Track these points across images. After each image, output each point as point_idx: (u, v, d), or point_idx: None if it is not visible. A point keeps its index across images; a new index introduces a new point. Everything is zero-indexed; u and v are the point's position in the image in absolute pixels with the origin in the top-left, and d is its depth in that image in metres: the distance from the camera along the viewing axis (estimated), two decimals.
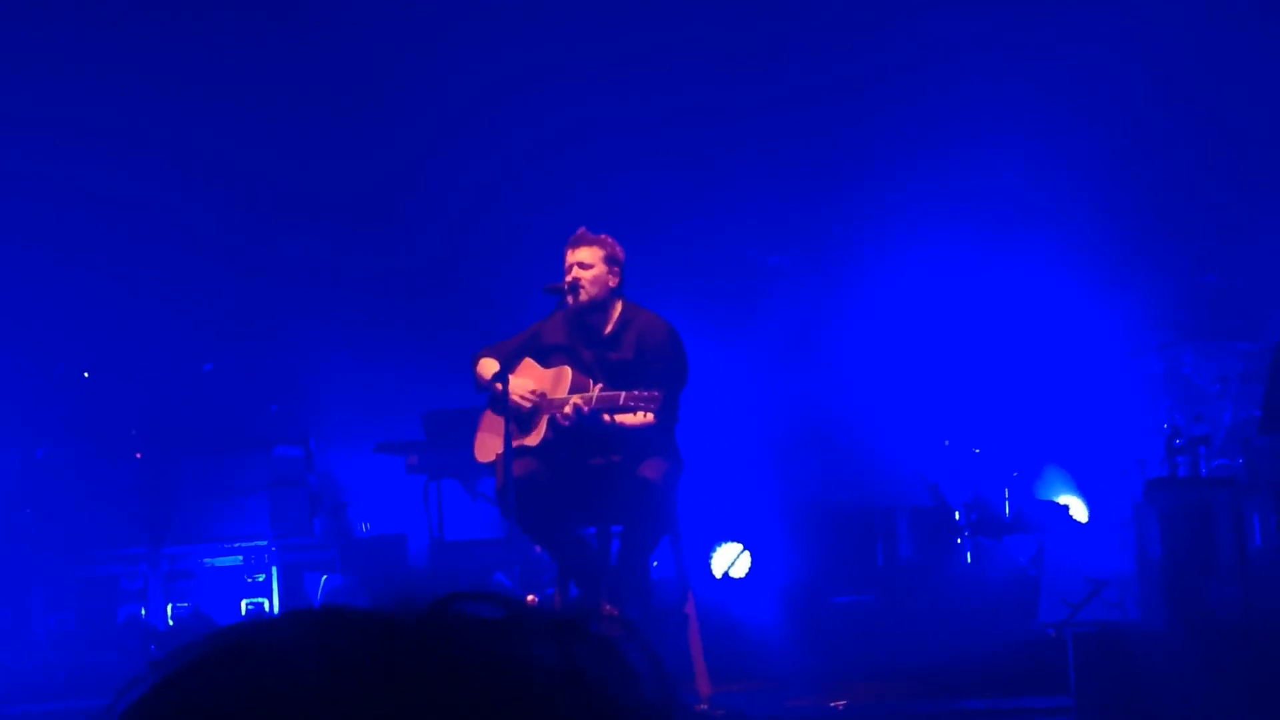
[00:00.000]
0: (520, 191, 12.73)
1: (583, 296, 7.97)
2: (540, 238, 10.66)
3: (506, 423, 7.69)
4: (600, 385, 7.79)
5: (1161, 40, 12.09)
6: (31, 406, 11.30)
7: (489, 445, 8.07)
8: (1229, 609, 7.60)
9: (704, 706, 7.75)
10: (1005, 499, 10.82)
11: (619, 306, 8.13)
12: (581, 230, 8.09)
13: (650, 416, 7.61)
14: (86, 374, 11.64)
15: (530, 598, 8.51)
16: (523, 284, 10.94)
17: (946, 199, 12.43)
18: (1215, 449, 9.51)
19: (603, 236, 8.08)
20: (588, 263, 7.98)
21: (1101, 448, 10.72)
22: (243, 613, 10.58)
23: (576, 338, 8.11)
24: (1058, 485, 11.39)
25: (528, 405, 7.88)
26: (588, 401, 7.67)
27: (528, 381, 7.96)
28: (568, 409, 7.72)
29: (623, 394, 7.57)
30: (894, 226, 12.53)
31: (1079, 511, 11.12)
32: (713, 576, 11.35)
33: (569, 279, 7.98)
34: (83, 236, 12.30)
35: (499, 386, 7.74)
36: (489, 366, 7.94)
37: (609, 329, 8.10)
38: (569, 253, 8.05)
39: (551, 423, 7.82)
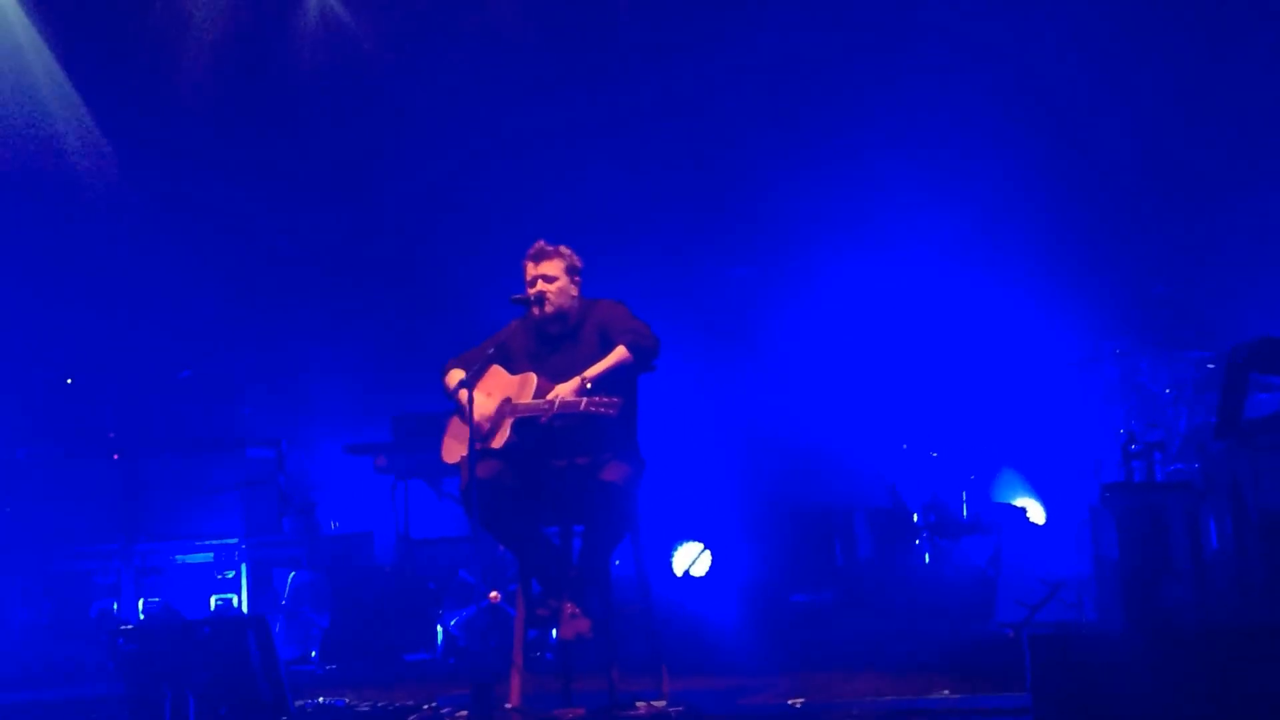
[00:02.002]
0: (488, 198, 12.58)
1: (548, 309, 8.03)
2: (508, 244, 10.50)
3: (471, 427, 7.64)
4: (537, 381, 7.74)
5: (1117, 52, 12.01)
6: (13, 408, 11.16)
7: (455, 448, 8.03)
8: (1184, 611, 7.48)
9: (662, 703, 7.62)
10: (963, 501, 10.72)
11: (577, 306, 8.13)
12: (540, 244, 8.10)
13: (623, 352, 7.71)
14: (70, 380, 11.52)
15: (494, 595, 8.34)
16: (490, 289, 10.83)
17: (906, 208, 12.33)
18: (1171, 454, 9.41)
19: (561, 248, 8.10)
20: (551, 275, 8.03)
21: (1058, 452, 10.59)
22: (212, 608, 10.48)
23: (542, 344, 8.10)
24: (1015, 488, 11.29)
25: (490, 413, 7.74)
26: (550, 408, 7.55)
27: (492, 387, 7.86)
28: (528, 414, 7.64)
29: (583, 400, 7.52)
30: (854, 234, 12.42)
31: (1036, 514, 11.00)
32: (674, 575, 11.24)
33: (533, 291, 8.00)
34: (61, 244, 12.13)
35: (464, 395, 7.73)
36: (456, 376, 7.98)
37: (570, 328, 8.09)
38: (530, 266, 8.08)
39: (516, 426, 7.74)
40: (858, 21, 12.40)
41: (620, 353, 7.72)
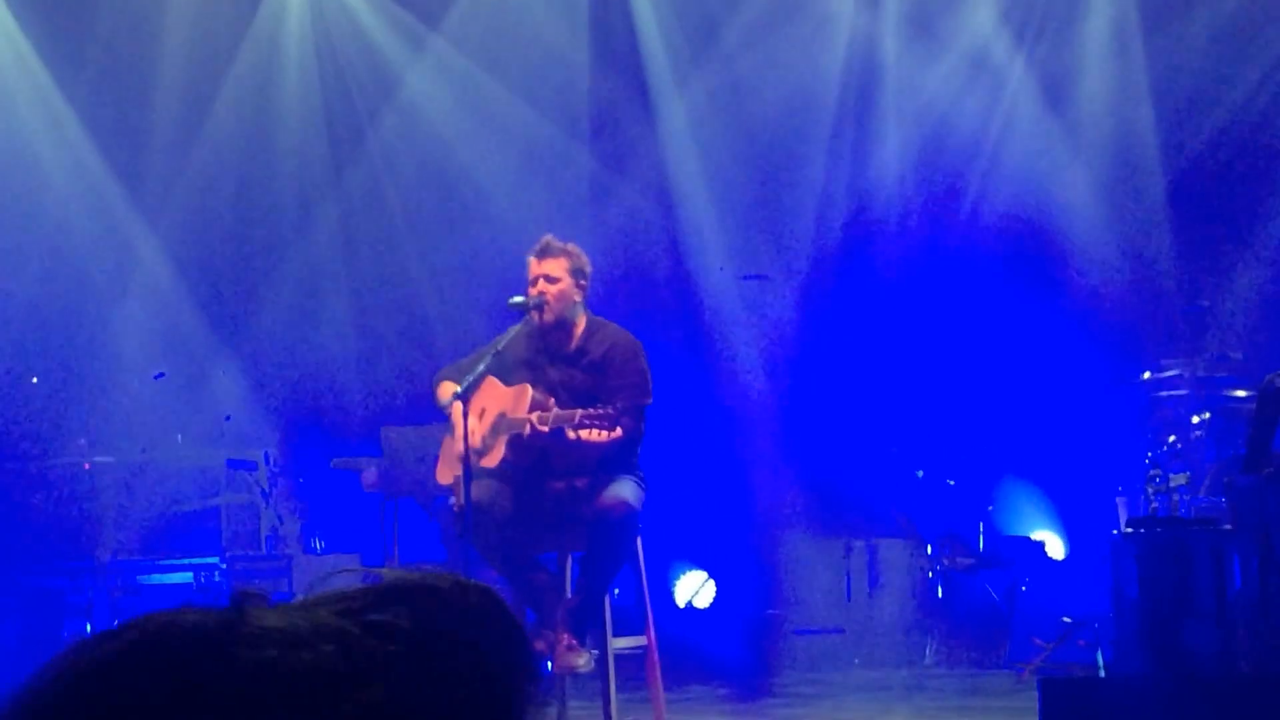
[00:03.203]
0: (481, 199, 12.60)
1: (548, 315, 7.86)
2: (502, 248, 10.56)
3: (465, 446, 7.51)
4: (554, 401, 7.65)
5: (1154, 67, 12.08)
6: None
7: (449, 471, 7.93)
8: (1207, 654, 7.47)
9: None
10: (979, 532, 10.71)
11: (584, 320, 7.99)
12: (548, 239, 7.95)
13: (618, 432, 7.45)
14: (35, 379, 11.48)
15: None
16: (485, 294, 10.89)
17: (928, 226, 12.35)
18: (1197, 487, 9.39)
19: (569, 246, 7.94)
20: (554, 275, 7.85)
21: (1080, 483, 10.61)
22: None
23: (540, 354, 7.97)
24: (1033, 520, 11.30)
25: (485, 428, 7.74)
26: (544, 420, 7.53)
27: (487, 401, 7.82)
28: (525, 430, 7.57)
29: (579, 412, 7.44)
30: (873, 252, 12.44)
31: (1055, 547, 11.01)
32: (675, 605, 11.24)
33: (534, 292, 7.85)
34: (30, 243, 12.13)
35: (458, 408, 7.56)
36: (449, 389, 7.80)
37: (573, 344, 7.97)
38: (534, 263, 7.90)
39: (510, 443, 7.69)
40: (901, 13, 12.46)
41: (615, 433, 7.43)
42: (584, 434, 7.47)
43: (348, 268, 12.87)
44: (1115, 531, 8.65)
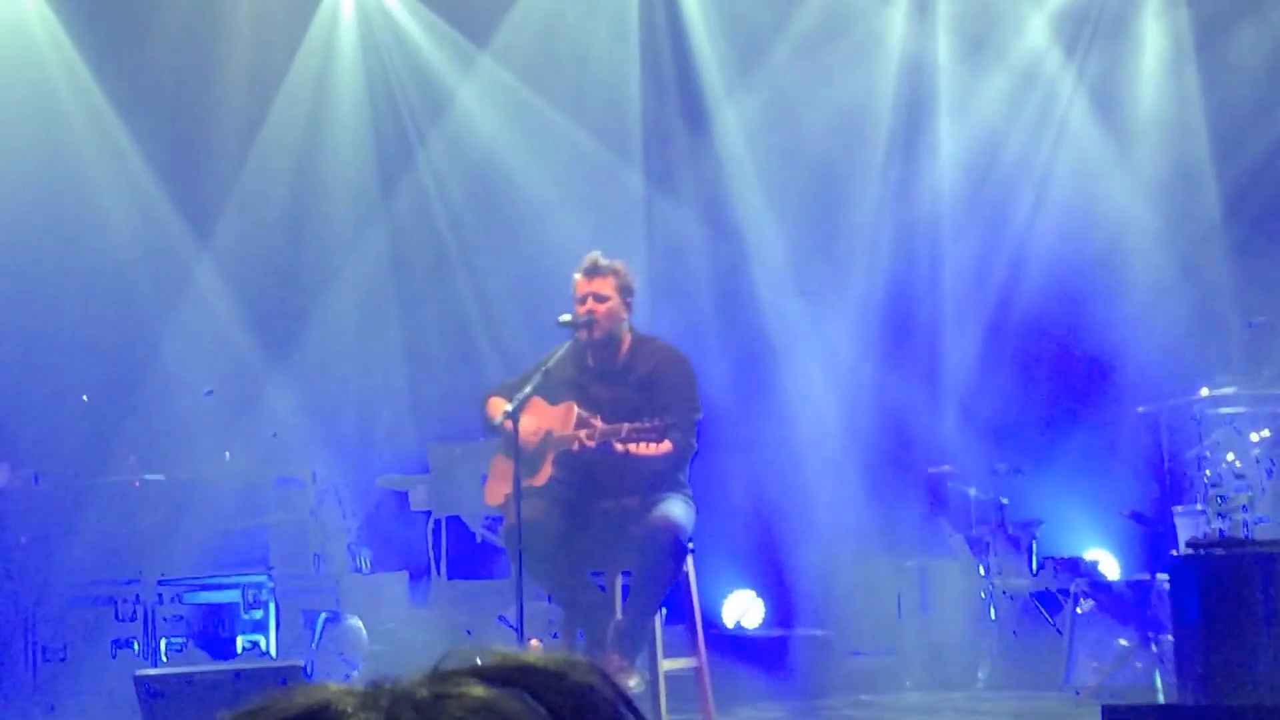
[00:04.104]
0: (530, 218, 12.51)
1: (597, 333, 7.79)
2: (551, 267, 10.46)
3: (516, 464, 7.42)
4: (600, 419, 7.54)
5: (1208, 80, 11.97)
6: (31, 431, 11.09)
7: (498, 490, 7.84)
8: (1270, 682, 7.27)
9: None
10: (1033, 552, 10.54)
11: (630, 337, 7.92)
12: (594, 257, 7.87)
13: (667, 445, 7.34)
14: (86, 398, 11.43)
15: (535, 643, 8.26)
16: (533, 312, 10.80)
17: (980, 240, 12.25)
18: (1260, 507, 9.20)
19: (616, 264, 7.87)
20: (603, 294, 7.79)
21: (1135, 502, 10.42)
22: (239, 650, 10.36)
23: (587, 372, 7.89)
24: (1090, 539, 11.16)
25: (534, 445, 7.63)
26: (591, 436, 7.43)
27: (533, 420, 7.71)
28: (574, 446, 7.46)
29: (625, 425, 7.37)
30: (925, 266, 12.34)
31: (1110, 568, 10.85)
32: (724, 626, 11.14)
33: (582, 310, 7.78)
34: (83, 261, 12.10)
35: (509, 425, 7.44)
36: (498, 406, 7.68)
37: (620, 361, 7.89)
38: (582, 282, 7.84)
39: (558, 461, 7.61)
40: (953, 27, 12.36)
41: (664, 446, 7.41)
42: (632, 447, 7.37)
43: (397, 286, 12.79)
44: (1174, 553, 8.47)
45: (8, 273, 11.89)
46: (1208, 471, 9.50)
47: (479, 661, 1.30)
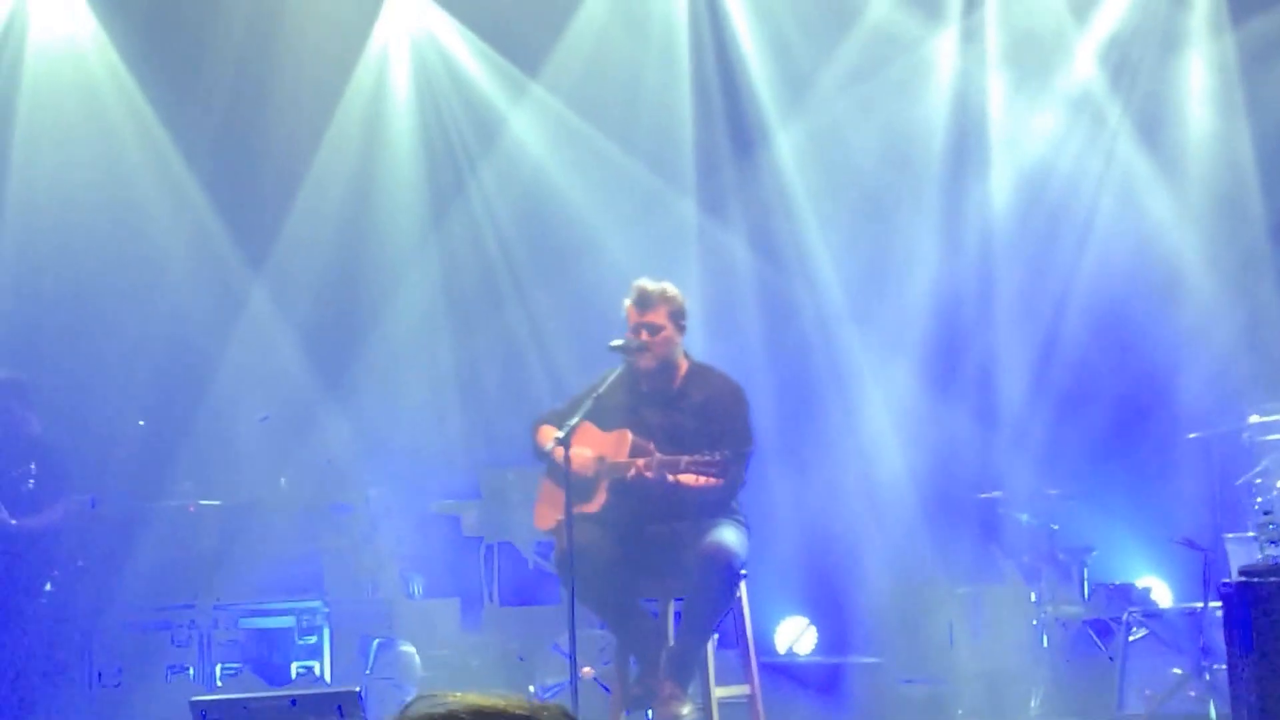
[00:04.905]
0: (580, 246, 12.51)
1: (651, 362, 7.77)
2: (602, 294, 10.46)
3: (567, 490, 7.40)
4: (654, 446, 7.53)
5: (1254, 104, 11.92)
6: (88, 457, 11.13)
7: (548, 514, 7.83)
8: None
9: None
10: (1084, 579, 10.48)
11: (685, 365, 7.88)
12: (644, 285, 7.85)
13: (719, 480, 7.29)
14: (142, 423, 11.48)
15: (588, 670, 8.25)
16: (584, 339, 10.80)
17: (1029, 268, 12.20)
18: None
19: (666, 290, 7.85)
20: (657, 324, 7.78)
21: (1189, 528, 10.34)
22: (293, 675, 10.37)
23: (639, 399, 7.87)
24: (1141, 566, 11.08)
25: (589, 473, 7.61)
26: (649, 465, 7.41)
27: (587, 449, 7.68)
28: (630, 473, 7.44)
29: (684, 458, 7.32)
30: (973, 294, 12.30)
31: (1163, 596, 10.78)
32: (776, 651, 11.10)
33: (636, 339, 7.75)
34: (139, 287, 12.16)
35: (560, 452, 7.43)
36: (549, 433, 7.67)
37: (675, 388, 7.86)
38: (634, 312, 7.83)
39: (612, 488, 7.59)
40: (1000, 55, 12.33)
41: (712, 480, 7.40)
42: (682, 478, 7.35)
43: (449, 313, 12.80)
44: (1226, 580, 8.39)
45: (65, 299, 11.96)
46: (1259, 498, 9.43)
47: (448, 707, 1.32)
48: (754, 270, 12.52)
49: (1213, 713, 8.71)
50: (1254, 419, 10.12)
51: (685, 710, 7.40)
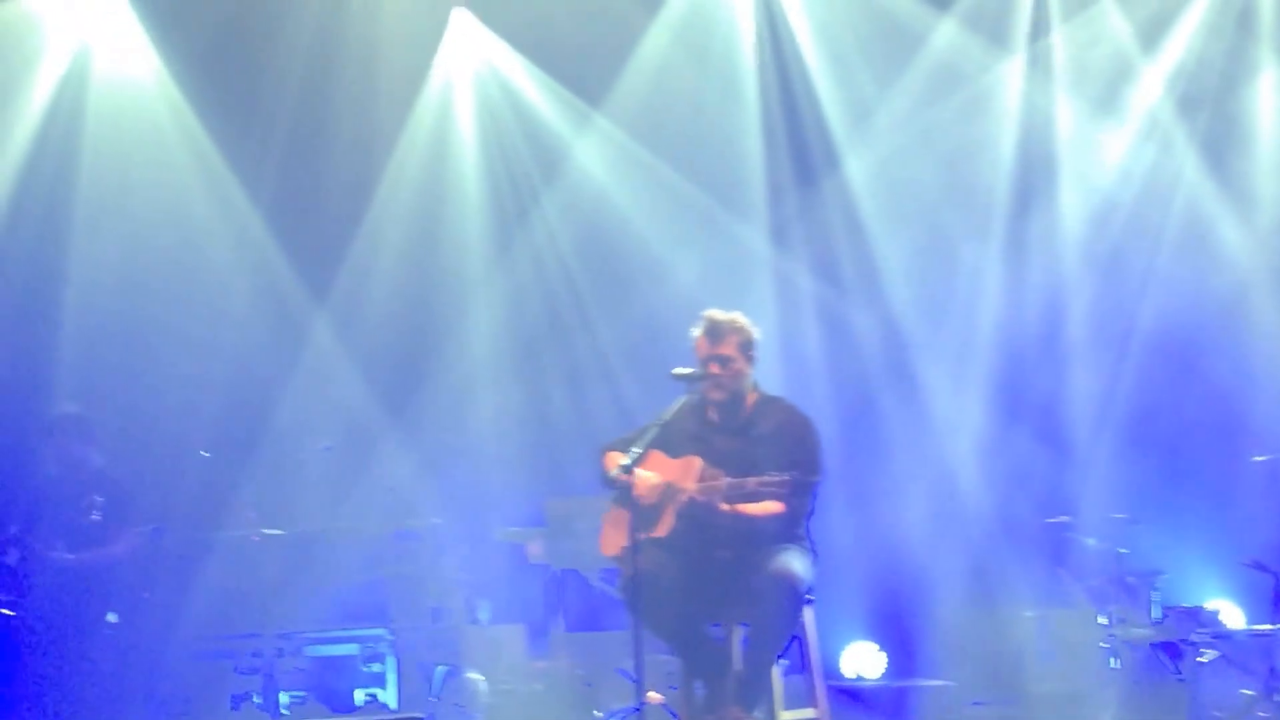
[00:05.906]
0: (644, 275, 12.51)
1: (722, 395, 7.78)
2: (667, 322, 10.45)
3: (633, 516, 7.41)
4: (723, 473, 7.50)
5: None
6: (153, 487, 11.17)
7: (614, 540, 7.81)
8: None
9: None
10: (1153, 602, 10.41)
11: (755, 395, 7.87)
12: (713, 317, 7.84)
13: (779, 506, 7.30)
14: (206, 454, 11.51)
15: (654, 695, 8.21)
16: (649, 367, 10.79)
17: (1097, 296, 12.18)
18: None
19: (735, 320, 7.84)
20: (728, 356, 7.77)
21: (1259, 550, 10.26)
22: (359, 703, 10.37)
23: (708, 426, 7.86)
24: (1210, 589, 11.00)
25: (655, 498, 7.59)
26: (717, 490, 7.38)
27: (654, 475, 7.66)
28: (699, 496, 7.42)
29: (752, 480, 7.34)
30: (1039, 324, 12.26)
31: (1233, 618, 10.70)
32: (843, 677, 11.05)
33: (706, 370, 7.74)
34: (203, 319, 12.23)
35: (626, 478, 7.43)
36: (616, 459, 7.63)
37: (743, 417, 7.83)
38: (705, 343, 7.80)
39: (679, 513, 7.56)
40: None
41: (778, 506, 7.46)
42: (743, 507, 7.44)
43: (513, 342, 12.82)
44: None
45: (130, 332, 12.03)
46: None
47: None
48: (817, 296, 12.50)
49: None
50: None
51: None
